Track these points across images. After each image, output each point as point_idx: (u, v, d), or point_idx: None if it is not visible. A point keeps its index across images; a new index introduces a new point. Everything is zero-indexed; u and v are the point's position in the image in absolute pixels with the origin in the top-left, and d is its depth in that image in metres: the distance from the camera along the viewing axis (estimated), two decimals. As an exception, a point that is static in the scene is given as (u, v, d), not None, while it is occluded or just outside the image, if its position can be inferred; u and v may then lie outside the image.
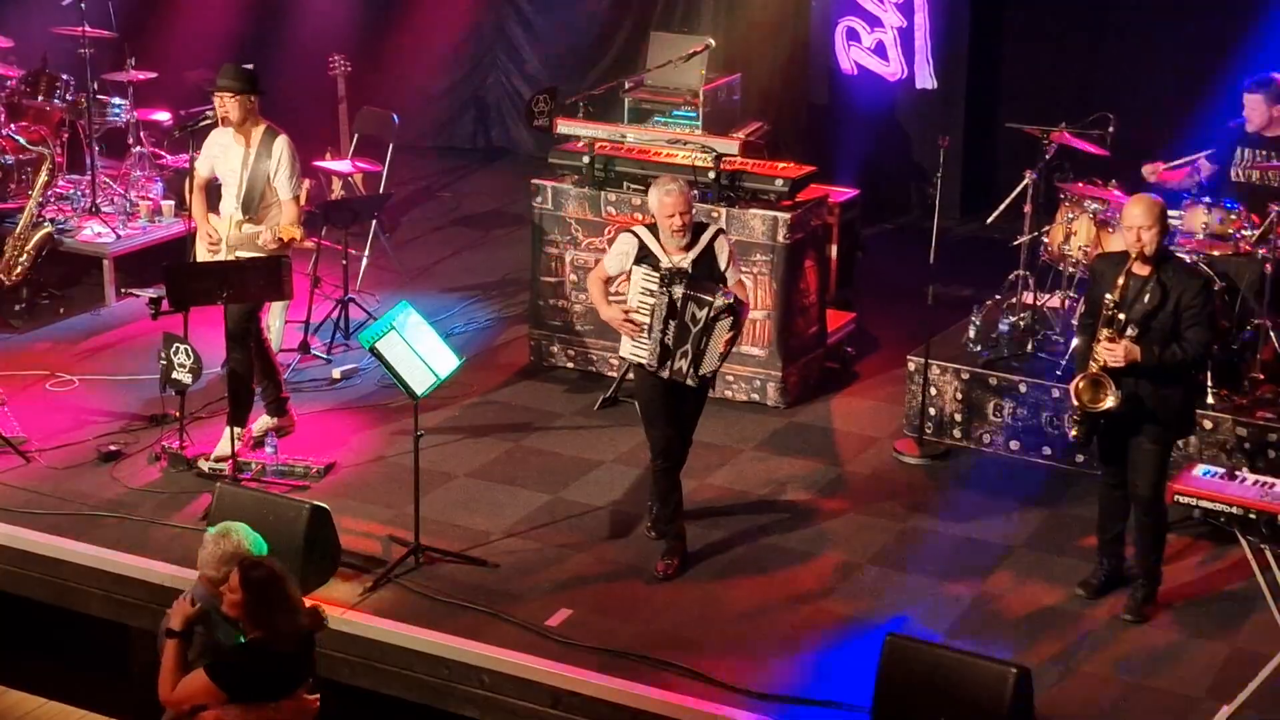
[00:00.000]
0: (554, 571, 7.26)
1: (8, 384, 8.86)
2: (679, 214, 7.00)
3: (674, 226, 7.02)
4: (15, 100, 10.80)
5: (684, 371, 7.01)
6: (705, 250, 7.09)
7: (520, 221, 10.58)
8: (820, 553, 7.45)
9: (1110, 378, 6.61)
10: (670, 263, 7.05)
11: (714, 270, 7.08)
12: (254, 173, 8.05)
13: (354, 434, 8.52)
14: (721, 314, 6.92)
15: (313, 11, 13.26)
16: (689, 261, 7.06)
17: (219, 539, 5.87)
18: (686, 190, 7.09)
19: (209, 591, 5.81)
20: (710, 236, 7.14)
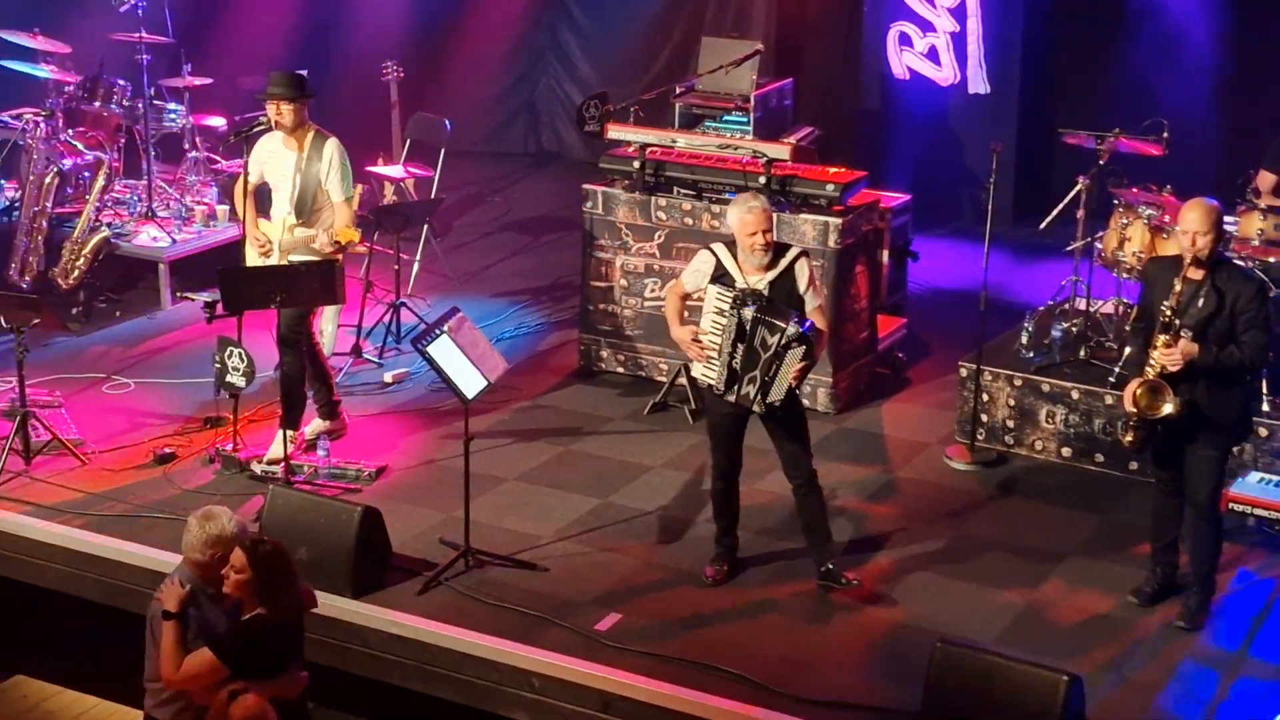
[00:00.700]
0: (603, 576, 7.27)
1: (65, 386, 8.96)
2: (760, 232, 6.79)
3: (754, 245, 6.82)
4: (73, 106, 10.91)
5: (750, 397, 6.83)
6: (785, 272, 6.88)
7: (570, 226, 10.61)
8: (870, 558, 7.43)
9: (1168, 384, 6.57)
10: (745, 284, 6.87)
11: (792, 293, 6.87)
12: (306, 176, 8.10)
13: (405, 437, 8.56)
14: (793, 342, 6.69)
15: (366, 18, 13.34)
16: (765, 283, 6.87)
17: (203, 522, 5.95)
18: (769, 208, 6.88)
19: (194, 574, 5.92)
20: (792, 258, 6.91)
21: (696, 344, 6.99)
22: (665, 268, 9.04)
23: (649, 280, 9.10)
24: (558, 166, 13.39)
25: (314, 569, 7.00)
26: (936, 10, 11.79)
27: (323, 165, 8.09)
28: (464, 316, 7.44)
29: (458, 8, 13.33)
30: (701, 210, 8.90)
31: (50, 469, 8.05)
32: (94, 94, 10.92)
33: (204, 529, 5.92)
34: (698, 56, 11.20)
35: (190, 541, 5.94)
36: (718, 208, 8.85)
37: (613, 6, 13.23)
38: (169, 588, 5.88)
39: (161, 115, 11.16)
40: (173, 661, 5.78)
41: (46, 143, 10.30)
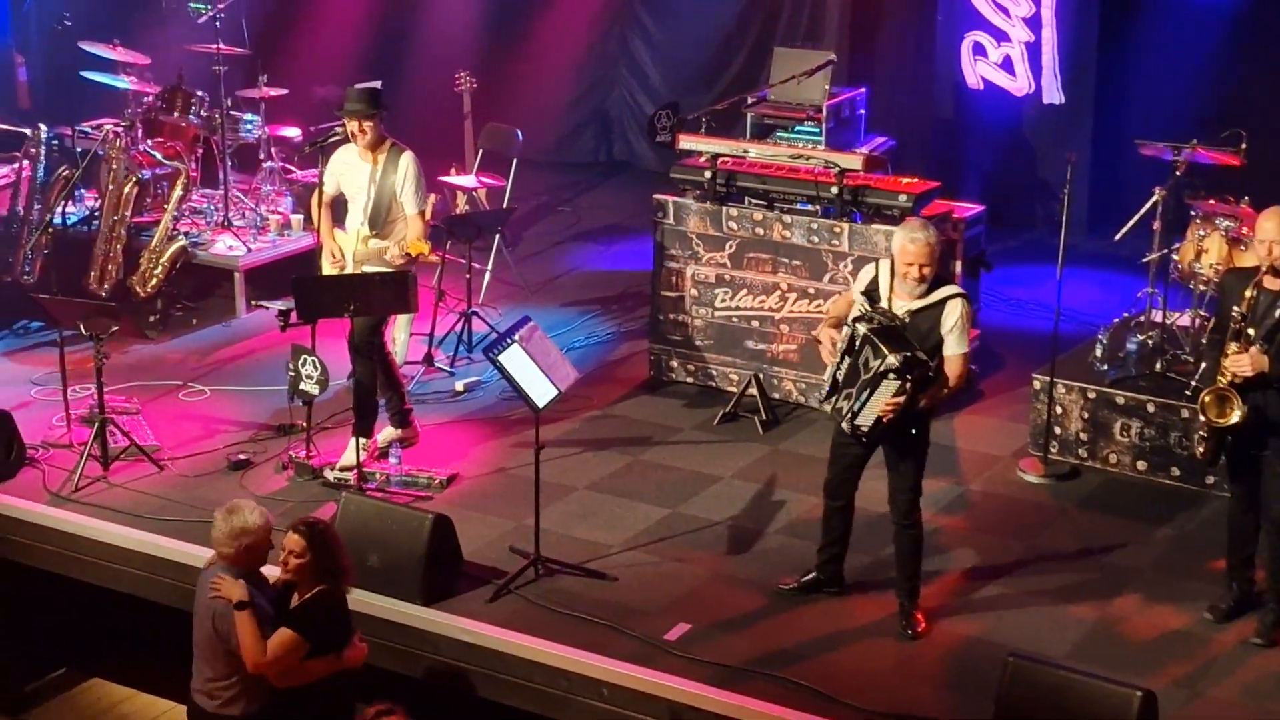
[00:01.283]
0: (673, 586, 7.27)
1: (142, 393, 9.08)
2: (919, 266, 6.57)
3: (908, 275, 6.60)
4: (152, 116, 11.05)
5: (842, 414, 6.69)
6: (933, 306, 6.63)
7: (641, 236, 10.62)
8: (942, 571, 7.38)
9: (1237, 392, 6.49)
10: (886, 303, 6.72)
11: (934, 329, 6.62)
12: (380, 189, 8.16)
13: (476, 446, 8.60)
14: (890, 373, 6.48)
15: (440, 29, 13.44)
16: (906, 310, 6.70)
17: (228, 516, 6.14)
18: (933, 243, 6.57)
19: (228, 566, 6.11)
20: (946, 294, 6.64)
21: (826, 346, 6.82)
22: (736, 278, 9.04)
23: (719, 290, 9.10)
24: (628, 176, 13.42)
25: (385, 576, 7.07)
26: (1011, 20, 11.71)
27: (397, 178, 8.14)
28: (535, 326, 7.46)
29: (530, 18, 13.39)
30: (773, 220, 8.89)
31: (128, 474, 8.15)
32: (172, 105, 11.05)
33: (229, 522, 6.13)
34: (770, 67, 11.18)
35: (218, 535, 6.15)
36: (789, 218, 8.84)
37: (685, 17, 13.24)
38: (225, 583, 6.04)
39: (238, 125, 11.28)
40: (259, 647, 5.97)
41: (126, 153, 10.44)
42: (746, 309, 9.06)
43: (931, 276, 6.65)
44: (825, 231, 8.73)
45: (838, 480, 7.01)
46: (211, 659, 6.15)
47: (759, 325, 9.04)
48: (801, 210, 8.88)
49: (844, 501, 7.04)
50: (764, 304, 8.99)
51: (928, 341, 6.64)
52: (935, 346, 6.67)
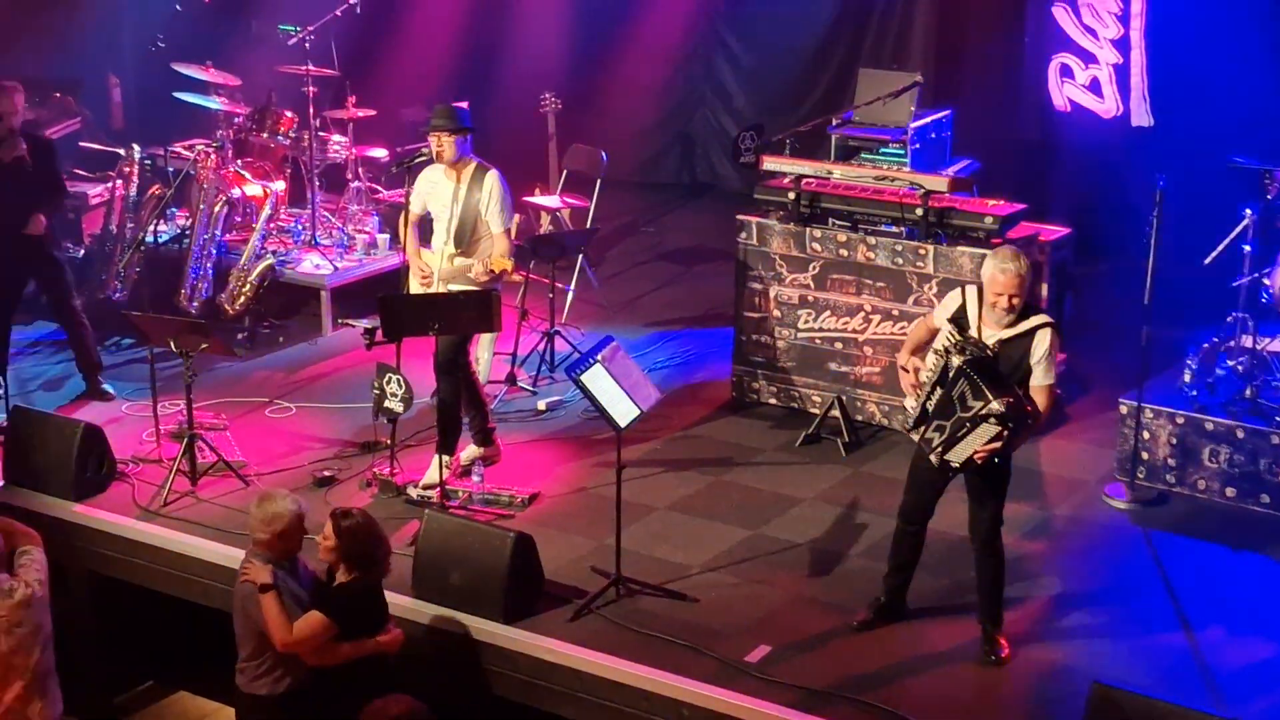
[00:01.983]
0: (754, 607, 7.25)
1: (230, 410, 9.19)
2: (1008, 296, 6.49)
3: (997, 304, 6.52)
4: (242, 137, 11.21)
5: (932, 445, 6.62)
6: (1022, 336, 6.56)
7: (724, 257, 10.62)
8: (1025, 597, 7.31)
9: None
10: (975, 332, 6.65)
11: (1023, 360, 6.55)
12: (465, 207, 8.23)
13: (558, 465, 8.63)
14: (992, 418, 6.39)
15: (526, 51, 13.54)
16: (996, 340, 6.61)
17: (262, 503, 6.47)
18: (1024, 273, 6.49)
19: (262, 553, 6.43)
20: (1036, 324, 6.57)
21: (908, 375, 6.81)
22: (819, 299, 9.02)
23: (802, 311, 9.08)
24: (712, 197, 13.43)
25: (467, 594, 7.11)
26: (1099, 42, 11.61)
27: (482, 196, 8.20)
28: (618, 345, 7.48)
29: (615, 40, 13.45)
30: (857, 241, 8.86)
31: (215, 490, 8.25)
32: (262, 125, 11.20)
33: (263, 509, 6.44)
34: (855, 88, 11.17)
35: (252, 523, 6.48)
36: (873, 239, 8.81)
37: (769, 38, 13.25)
38: (253, 567, 6.37)
39: (326, 146, 11.42)
40: (284, 627, 6.30)
41: (216, 173, 10.60)
42: (830, 330, 9.03)
43: (1021, 306, 6.59)
44: (910, 253, 8.69)
45: (915, 505, 6.96)
46: (244, 640, 6.49)
47: (842, 347, 9.01)
48: (886, 232, 8.85)
49: (919, 526, 7.00)
50: (847, 326, 8.96)
51: (1017, 372, 6.57)
52: (1024, 376, 6.61)
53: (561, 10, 13.73)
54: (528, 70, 13.15)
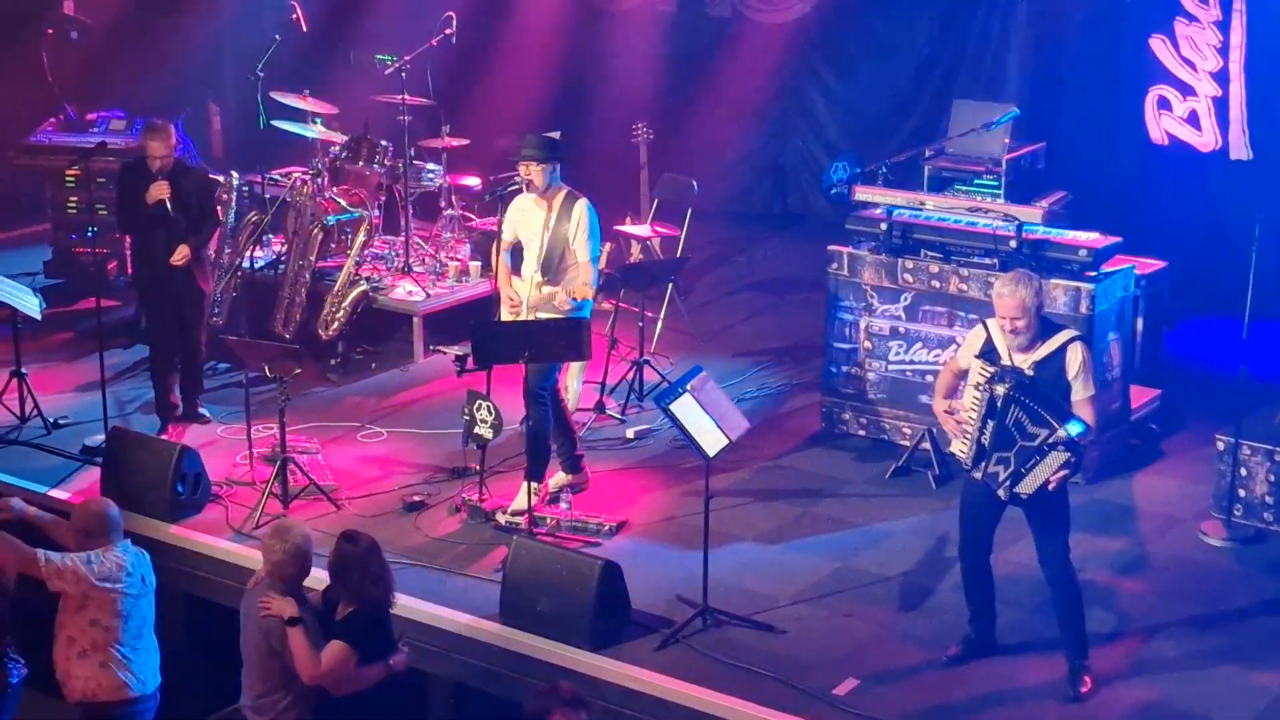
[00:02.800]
0: (842, 640, 7.20)
1: (322, 434, 9.29)
2: (1010, 319, 6.59)
3: (1006, 329, 6.63)
4: (338, 165, 11.34)
5: (999, 480, 6.61)
6: (1053, 355, 6.62)
7: (815, 287, 10.59)
8: (1118, 633, 7.20)
9: None
10: (1009, 361, 6.67)
11: (1059, 379, 6.61)
12: (554, 235, 8.27)
13: (646, 493, 8.63)
14: (1059, 445, 6.43)
15: (619, 81, 13.60)
16: (1030, 364, 6.65)
17: (284, 536, 6.39)
18: (1024, 297, 6.55)
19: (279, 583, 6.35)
20: (1063, 342, 6.64)
21: (952, 418, 6.84)
22: (911, 330, 8.96)
23: (894, 343, 9.03)
24: (803, 228, 13.41)
25: (554, 621, 7.12)
26: (1198, 75, 11.47)
27: (571, 225, 8.24)
28: (707, 375, 7.48)
29: (707, 71, 13.48)
30: (949, 273, 8.80)
31: (306, 513, 8.32)
32: (358, 153, 11.31)
33: (288, 541, 6.36)
34: (948, 119, 11.11)
35: (272, 556, 6.36)
36: (965, 271, 8.75)
37: (862, 69, 13.23)
38: (276, 601, 6.29)
39: (420, 174, 11.52)
40: (312, 659, 6.24)
41: (312, 200, 10.73)
42: (921, 362, 8.97)
43: (1025, 329, 6.61)
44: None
45: (973, 540, 6.94)
46: (264, 674, 6.40)
47: (933, 380, 8.92)
48: (979, 264, 8.78)
49: (981, 560, 6.96)
50: (939, 358, 8.90)
51: (1054, 392, 6.60)
52: (1063, 395, 6.62)
53: (655, 41, 13.78)
54: (621, 100, 13.21)
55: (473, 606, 7.45)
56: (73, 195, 11.70)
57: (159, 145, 8.97)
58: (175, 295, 9.18)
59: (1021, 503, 6.63)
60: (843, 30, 13.23)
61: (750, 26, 13.53)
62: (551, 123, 11.46)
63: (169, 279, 9.10)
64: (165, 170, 9.00)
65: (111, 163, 10.53)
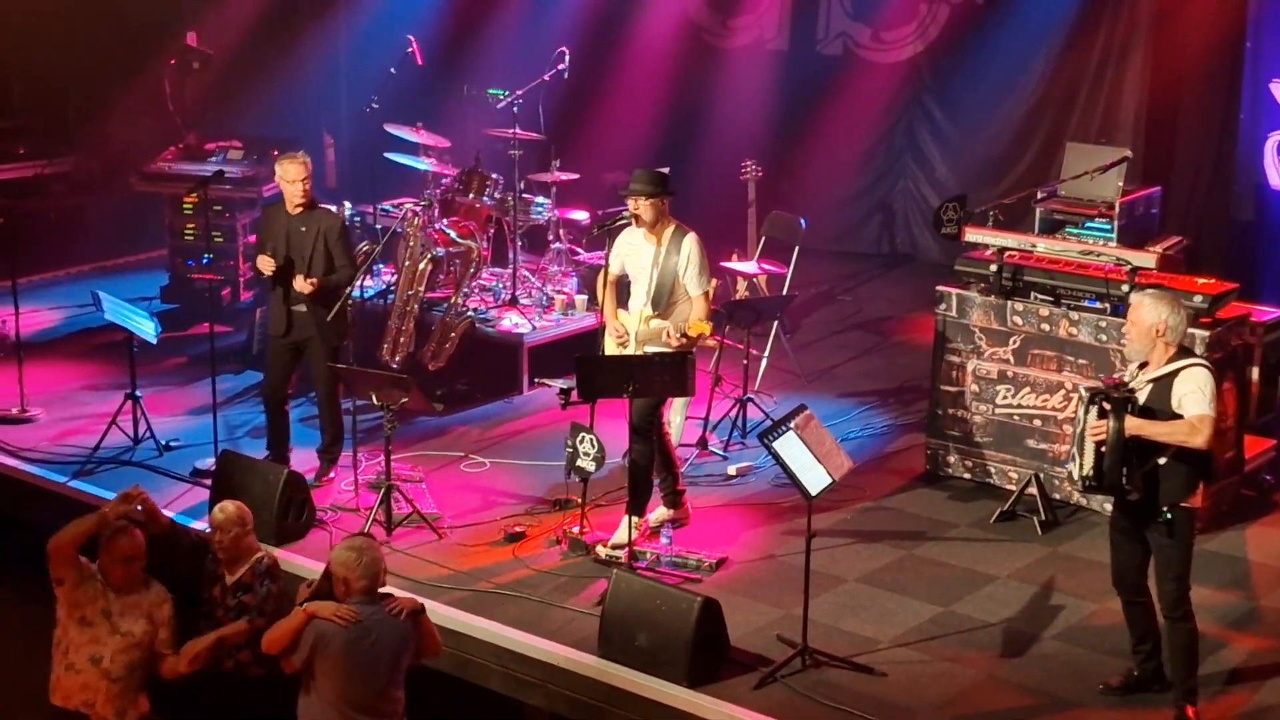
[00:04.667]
0: (943, 686, 7.10)
1: (426, 463, 9.35)
2: (1128, 324, 6.73)
3: (1125, 334, 6.81)
4: (449, 197, 11.45)
5: (1074, 476, 6.72)
6: (1168, 376, 6.59)
7: (921, 328, 10.52)
8: (1230, 689, 7.04)
9: None
10: (1130, 376, 6.72)
11: (1165, 401, 6.56)
12: (664, 270, 8.28)
13: (746, 530, 8.59)
14: (1089, 404, 6.52)
15: (729, 119, 13.64)
16: (1146, 381, 6.65)
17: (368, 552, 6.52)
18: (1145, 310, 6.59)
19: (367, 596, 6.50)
20: (1182, 365, 6.60)
21: None
22: (1019, 374, 8.86)
23: (1001, 386, 8.93)
24: (910, 268, 13.33)
25: (652, 656, 7.10)
26: (1319, 120, 11.28)
27: (680, 260, 8.25)
28: (811, 414, 7.44)
29: (818, 109, 13.49)
30: (1059, 316, 8.69)
31: (409, 541, 8.38)
32: (469, 186, 11.42)
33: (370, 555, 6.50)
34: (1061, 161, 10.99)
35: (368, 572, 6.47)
36: (1076, 314, 8.64)
37: (974, 110, 13.15)
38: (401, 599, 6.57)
39: (529, 208, 11.61)
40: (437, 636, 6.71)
41: (423, 231, 10.84)
42: (1029, 407, 8.86)
43: (1134, 340, 6.66)
44: (1114, 330, 8.50)
45: (1119, 571, 6.88)
46: (389, 685, 6.50)
47: (1041, 424, 8.83)
48: (1090, 308, 8.67)
49: (1133, 596, 6.86)
50: (1047, 403, 8.78)
51: (1164, 409, 6.57)
52: (1174, 417, 6.56)
53: (765, 79, 13.81)
54: (730, 137, 13.24)
55: (571, 639, 7.44)
56: (190, 222, 11.93)
57: (291, 171, 8.73)
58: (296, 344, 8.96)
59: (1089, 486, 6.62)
60: (954, 70, 13.17)
61: (862, 65, 13.52)
62: (660, 158, 11.52)
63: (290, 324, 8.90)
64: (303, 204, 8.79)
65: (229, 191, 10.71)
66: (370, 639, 6.44)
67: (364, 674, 6.44)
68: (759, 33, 13.91)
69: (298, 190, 8.81)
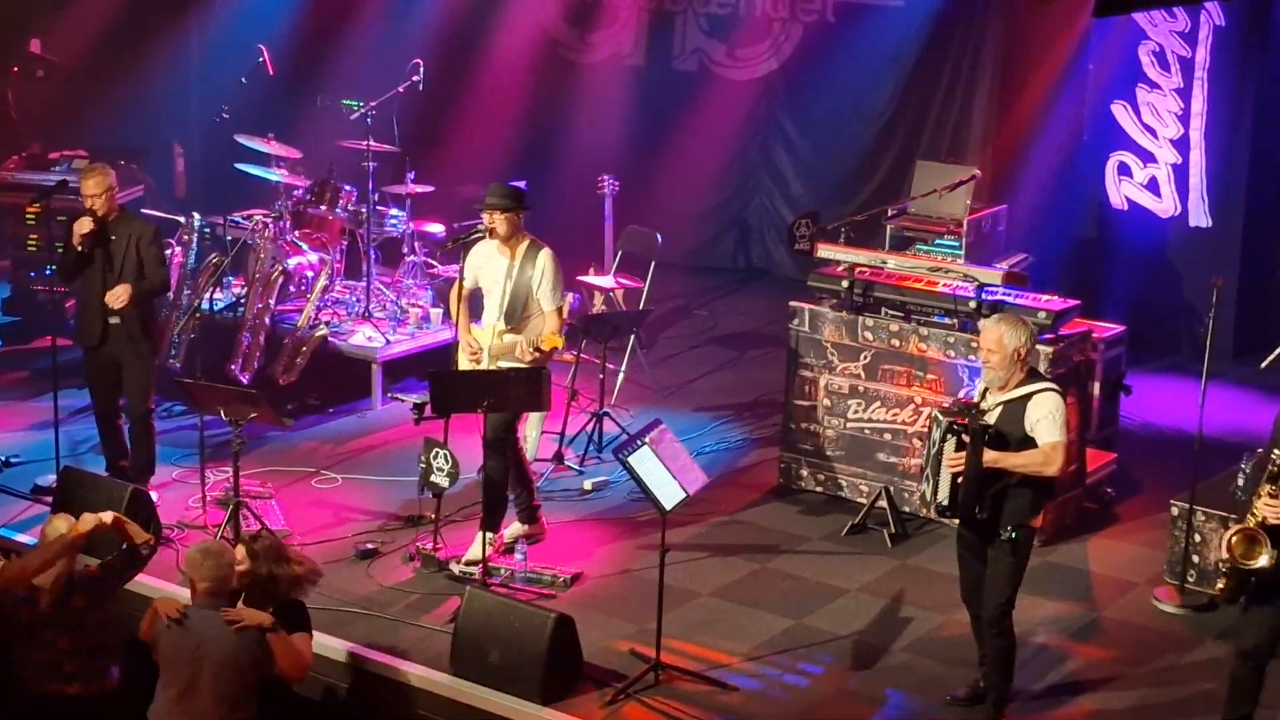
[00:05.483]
0: (794, 699, 7.16)
1: (277, 479, 9.22)
2: (985, 350, 6.72)
3: (985, 363, 6.77)
4: (301, 209, 11.31)
5: (927, 498, 6.80)
6: (1019, 400, 6.66)
7: (776, 343, 10.60)
8: (1071, 700, 7.19)
9: (1267, 535, 6.16)
10: (979, 397, 6.79)
11: (1017, 423, 6.63)
12: (518, 284, 8.26)
13: (601, 546, 8.59)
14: (947, 433, 6.56)
15: (585, 133, 13.65)
16: (996, 403, 6.71)
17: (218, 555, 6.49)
18: (1002, 332, 6.64)
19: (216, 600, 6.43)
20: (1033, 389, 6.66)
21: None
22: (870, 389, 8.98)
23: (853, 401, 9.04)
24: (766, 283, 13.45)
25: (505, 673, 7.07)
26: (1158, 142, 11.60)
27: (535, 274, 8.24)
28: (666, 428, 7.47)
29: (674, 125, 13.54)
30: (909, 332, 8.83)
31: (258, 558, 8.24)
32: (321, 198, 11.29)
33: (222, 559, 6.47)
34: (911, 179, 11.19)
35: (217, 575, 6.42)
36: (926, 330, 8.78)
37: (828, 127, 13.31)
38: (246, 612, 6.43)
39: (383, 220, 11.50)
40: (303, 656, 6.53)
41: (274, 243, 10.69)
42: (880, 421, 8.98)
43: (1002, 367, 6.68)
44: (962, 345, 8.66)
45: (968, 587, 6.97)
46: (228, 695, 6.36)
47: (891, 438, 8.96)
48: (939, 323, 8.82)
49: (977, 609, 6.96)
50: (897, 417, 8.91)
51: (1016, 433, 6.64)
52: (1020, 441, 6.65)
53: (622, 94, 13.85)
54: (587, 152, 13.24)
55: (424, 657, 7.38)
56: (32, 233, 11.60)
57: (89, 185, 8.62)
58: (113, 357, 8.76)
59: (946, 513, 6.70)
60: (809, 88, 13.31)
61: (717, 82, 13.61)
62: (517, 172, 11.49)
63: (105, 336, 8.70)
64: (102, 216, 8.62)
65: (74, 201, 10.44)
66: (194, 644, 6.33)
67: (187, 678, 6.33)
68: (616, 48, 13.95)
69: (98, 203, 8.64)
